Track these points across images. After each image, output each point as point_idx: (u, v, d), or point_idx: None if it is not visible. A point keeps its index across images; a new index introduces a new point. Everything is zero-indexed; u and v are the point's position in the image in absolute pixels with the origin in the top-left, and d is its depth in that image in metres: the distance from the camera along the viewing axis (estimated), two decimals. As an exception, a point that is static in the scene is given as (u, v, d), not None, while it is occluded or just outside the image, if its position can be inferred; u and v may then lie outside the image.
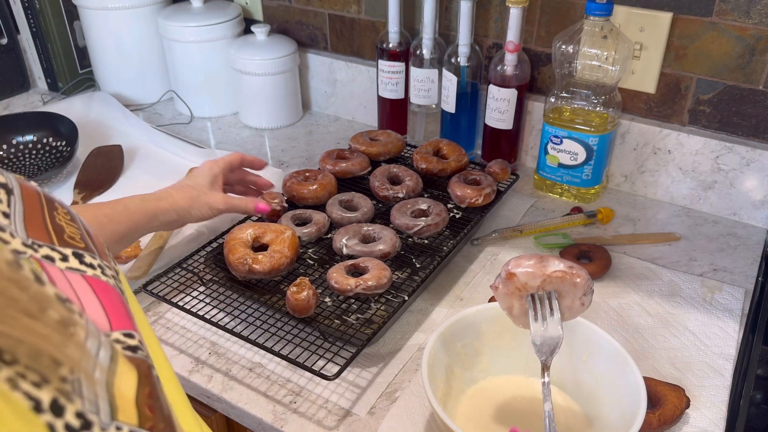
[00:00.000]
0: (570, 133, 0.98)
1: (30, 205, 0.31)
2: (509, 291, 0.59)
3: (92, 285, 0.30)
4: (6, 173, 0.32)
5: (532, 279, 0.58)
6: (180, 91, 1.33)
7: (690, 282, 0.86)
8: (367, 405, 0.69)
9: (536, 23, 1.05)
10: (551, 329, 0.59)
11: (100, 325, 0.29)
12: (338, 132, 1.28)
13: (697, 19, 0.92)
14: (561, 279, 0.58)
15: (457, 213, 0.92)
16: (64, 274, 0.30)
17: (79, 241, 0.32)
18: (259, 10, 1.33)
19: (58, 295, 0.25)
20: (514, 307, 0.61)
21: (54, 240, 0.31)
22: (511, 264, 0.59)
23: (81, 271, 0.31)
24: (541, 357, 0.59)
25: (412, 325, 0.80)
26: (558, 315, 0.59)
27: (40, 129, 1.17)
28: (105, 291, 0.31)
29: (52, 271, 0.29)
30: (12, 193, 0.30)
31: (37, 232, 0.30)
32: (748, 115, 0.95)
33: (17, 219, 0.30)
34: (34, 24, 1.35)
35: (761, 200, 0.96)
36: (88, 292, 0.30)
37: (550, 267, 0.58)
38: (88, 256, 0.32)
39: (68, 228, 0.33)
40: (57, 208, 0.33)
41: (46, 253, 0.30)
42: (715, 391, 0.70)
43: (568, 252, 0.89)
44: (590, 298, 0.59)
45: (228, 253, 0.79)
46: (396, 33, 1.10)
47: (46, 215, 0.32)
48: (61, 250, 0.30)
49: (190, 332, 0.79)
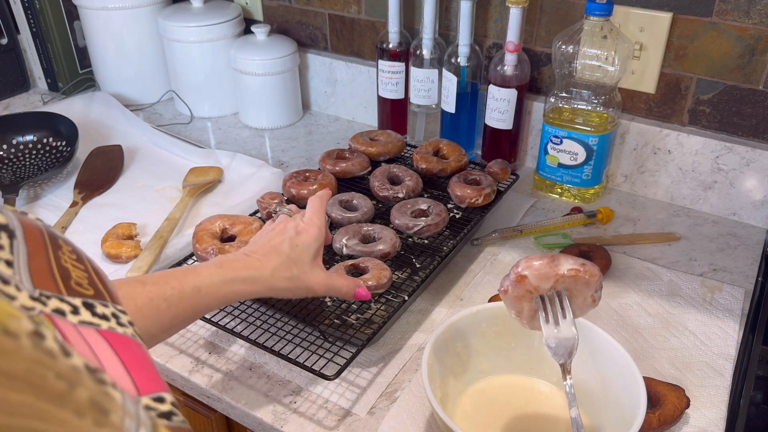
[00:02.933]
0: (570, 133, 0.98)
1: (34, 248, 0.29)
2: (519, 294, 0.57)
3: (109, 341, 0.28)
4: (5, 211, 0.29)
5: (545, 280, 0.55)
6: (180, 91, 1.33)
7: (690, 282, 0.86)
8: (367, 405, 0.69)
9: (536, 23, 1.05)
10: (565, 330, 0.56)
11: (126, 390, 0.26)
12: (338, 132, 1.28)
13: (697, 19, 0.92)
14: (574, 278, 0.55)
15: (457, 213, 0.92)
16: (78, 331, 0.27)
17: (87, 286, 0.30)
18: (259, 10, 1.33)
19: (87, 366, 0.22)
20: (523, 310, 0.58)
21: (61, 288, 0.28)
22: (520, 266, 0.56)
23: (95, 325, 0.28)
24: (559, 360, 0.56)
25: (412, 325, 0.80)
26: (570, 315, 0.57)
27: (40, 129, 1.17)
28: (124, 346, 0.28)
29: (65, 328, 0.26)
30: (14, 236, 0.28)
31: (44, 280, 0.28)
32: (748, 115, 0.95)
33: (22, 267, 0.27)
34: (34, 24, 1.35)
35: (761, 200, 0.96)
36: (106, 351, 0.27)
37: (563, 266, 0.55)
38: (99, 305, 0.29)
39: (74, 271, 0.30)
40: (61, 246, 0.31)
41: (56, 306, 0.27)
42: (715, 391, 0.70)
43: (567, 252, 0.89)
44: (600, 293, 0.57)
45: (195, 243, 0.81)
46: (396, 33, 1.10)
47: (51, 258, 0.29)
48: (70, 300, 0.28)
49: (190, 332, 0.79)
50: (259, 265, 0.62)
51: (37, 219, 0.31)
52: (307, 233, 0.67)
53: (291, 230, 0.67)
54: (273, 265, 0.62)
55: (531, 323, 0.59)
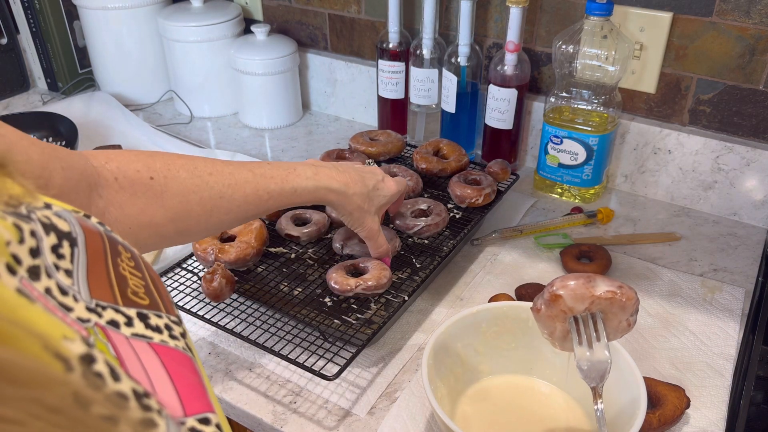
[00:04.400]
0: (570, 133, 0.98)
1: (94, 255, 0.29)
2: (553, 314, 0.55)
3: (160, 356, 0.28)
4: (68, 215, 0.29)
5: (580, 301, 0.54)
6: (180, 91, 1.33)
7: (690, 282, 0.86)
8: (367, 405, 0.69)
9: (536, 23, 1.05)
10: (598, 353, 0.55)
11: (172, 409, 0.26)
12: (338, 132, 1.28)
13: (697, 19, 0.92)
14: (610, 300, 0.54)
15: (457, 213, 0.92)
16: (131, 344, 0.27)
17: (143, 296, 0.30)
18: (259, 10, 1.33)
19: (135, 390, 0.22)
20: (556, 330, 0.57)
21: (118, 298, 0.28)
22: (555, 284, 0.55)
23: (147, 338, 0.28)
24: (590, 383, 0.55)
25: (412, 325, 0.80)
26: (605, 338, 0.55)
27: (40, 129, 1.17)
28: (174, 362, 0.28)
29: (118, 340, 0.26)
30: (76, 243, 0.28)
31: (101, 289, 0.28)
32: (748, 115, 0.95)
33: (80, 276, 0.27)
34: (34, 24, 1.35)
35: (761, 200, 0.96)
36: (157, 367, 0.27)
37: (599, 288, 0.54)
38: (153, 316, 0.29)
39: (132, 279, 0.30)
40: (120, 253, 0.31)
41: (111, 318, 0.27)
42: (715, 391, 0.70)
43: (568, 252, 0.89)
44: (636, 317, 0.56)
45: (195, 243, 0.81)
46: (396, 33, 1.10)
47: (110, 266, 0.29)
48: (125, 311, 0.28)
49: (190, 332, 0.79)
50: (347, 182, 0.70)
51: (98, 223, 0.31)
52: (388, 185, 0.77)
53: (379, 175, 0.76)
54: (356, 190, 0.71)
55: (563, 344, 0.58)
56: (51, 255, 0.26)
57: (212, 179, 0.58)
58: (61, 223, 0.28)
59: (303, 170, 0.67)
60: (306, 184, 0.66)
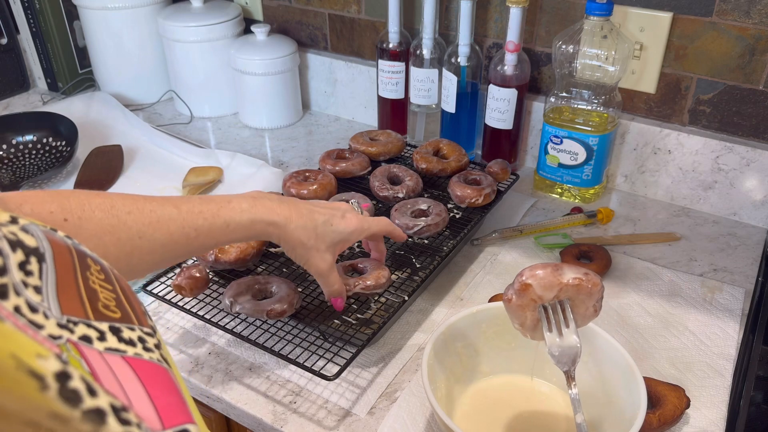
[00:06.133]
0: (570, 133, 0.98)
1: (62, 270, 0.28)
2: (523, 303, 0.57)
3: (135, 369, 0.27)
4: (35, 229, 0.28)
5: (548, 289, 0.56)
6: (180, 91, 1.33)
7: (690, 282, 0.86)
8: (367, 405, 0.69)
9: (536, 23, 1.05)
10: (568, 339, 0.57)
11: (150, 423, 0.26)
12: (338, 132, 1.28)
13: (697, 19, 0.92)
14: (577, 287, 0.56)
15: (457, 213, 0.92)
16: (104, 358, 0.27)
17: (115, 309, 0.30)
18: (259, 10, 1.33)
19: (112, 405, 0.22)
20: (527, 319, 0.59)
21: (89, 313, 0.28)
22: (525, 274, 0.57)
23: (120, 351, 0.28)
24: (563, 368, 0.57)
25: (412, 325, 0.80)
26: (573, 324, 0.57)
27: (40, 129, 1.17)
28: (150, 375, 0.28)
29: (92, 356, 0.26)
30: (44, 259, 0.27)
31: (72, 304, 0.27)
32: (748, 115, 0.95)
33: (50, 292, 0.27)
34: (34, 24, 1.35)
35: (761, 200, 0.96)
36: (132, 381, 0.27)
37: (566, 275, 0.56)
38: (126, 329, 0.29)
39: (102, 293, 0.30)
40: (90, 266, 0.30)
41: (83, 333, 0.27)
42: (715, 391, 0.70)
43: (568, 252, 0.89)
44: (601, 303, 0.58)
45: None
46: (396, 33, 1.10)
47: (79, 280, 0.29)
48: (97, 325, 0.28)
49: (190, 332, 0.79)
50: (288, 216, 0.64)
51: (66, 237, 0.31)
52: (346, 222, 0.68)
53: (339, 212, 0.69)
54: (299, 223, 0.64)
55: (533, 333, 0.60)
56: (18, 272, 0.26)
57: (131, 218, 0.54)
58: (27, 239, 0.27)
59: (238, 203, 0.61)
60: (240, 218, 0.61)
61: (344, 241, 0.69)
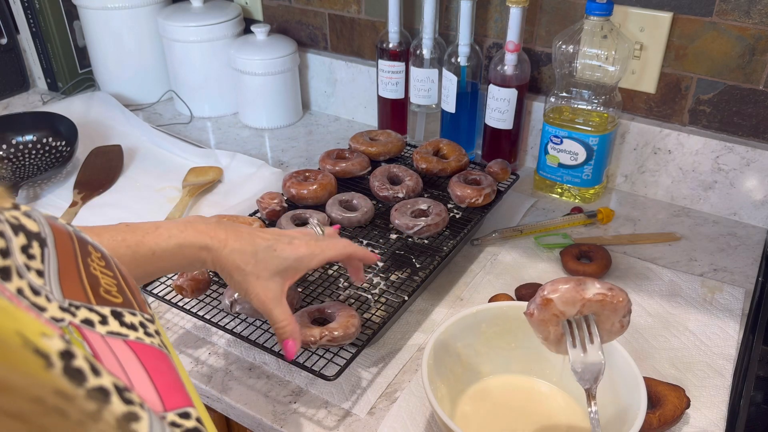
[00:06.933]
0: (570, 133, 0.98)
1: (64, 255, 0.28)
2: (545, 318, 0.56)
3: (137, 353, 0.28)
4: (38, 216, 0.28)
5: (571, 305, 0.55)
6: (180, 91, 1.33)
7: (690, 282, 0.86)
8: (367, 405, 0.69)
9: (536, 23, 1.05)
10: (592, 355, 0.56)
11: (152, 404, 0.26)
12: (338, 132, 1.28)
13: (697, 19, 0.92)
14: (601, 303, 0.55)
15: (457, 213, 0.92)
16: (106, 342, 0.27)
17: (116, 294, 0.30)
18: (259, 10, 1.33)
19: (116, 385, 0.22)
20: (550, 334, 0.57)
21: (90, 298, 0.28)
22: (546, 289, 0.55)
23: (122, 335, 0.28)
24: (585, 385, 0.56)
25: (412, 325, 0.80)
26: (598, 340, 0.56)
27: (39, 129, 1.17)
28: (151, 358, 0.28)
29: (94, 339, 0.26)
30: (45, 244, 0.28)
31: (73, 289, 0.27)
32: (748, 115, 0.95)
33: (52, 276, 0.27)
34: (34, 24, 1.35)
35: (761, 200, 0.96)
36: (134, 364, 0.27)
37: (589, 291, 0.54)
38: (128, 313, 0.29)
39: (103, 279, 0.30)
40: (90, 253, 0.30)
41: (85, 317, 0.27)
42: (716, 391, 0.70)
43: (568, 252, 0.89)
44: (629, 318, 0.56)
45: None
46: (396, 33, 1.10)
47: (80, 265, 0.29)
48: (99, 310, 0.28)
49: (190, 332, 0.79)
50: (224, 239, 0.58)
51: (67, 224, 0.31)
52: (294, 248, 0.61)
53: (286, 237, 0.63)
54: (235, 246, 0.59)
55: (558, 347, 0.58)
56: (21, 255, 0.26)
57: None
58: (29, 224, 0.28)
59: (167, 229, 0.57)
60: (167, 244, 0.55)
61: (292, 269, 0.61)
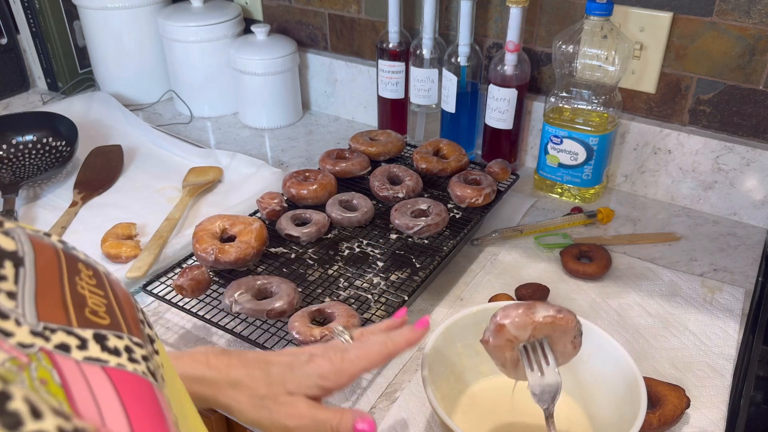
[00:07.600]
0: (570, 133, 0.98)
1: (45, 275, 0.27)
2: (500, 344, 0.57)
3: (114, 381, 0.26)
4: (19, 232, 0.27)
5: (522, 329, 0.56)
6: (180, 91, 1.33)
7: (690, 282, 0.86)
8: (367, 405, 0.69)
9: (536, 23, 1.05)
10: (549, 377, 0.57)
11: None
12: (338, 132, 1.28)
13: (697, 19, 0.92)
14: (551, 325, 0.56)
15: (457, 213, 0.92)
16: (81, 369, 0.25)
17: (103, 315, 0.28)
18: (259, 10, 1.33)
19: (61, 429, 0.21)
20: (507, 360, 0.59)
21: (72, 319, 0.26)
22: (498, 315, 0.57)
23: (102, 361, 0.26)
24: (543, 405, 0.57)
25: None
26: (553, 362, 0.57)
27: (39, 129, 1.17)
28: (130, 388, 0.26)
29: (66, 366, 0.25)
30: (22, 263, 0.26)
31: (52, 310, 0.26)
32: (748, 115, 0.95)
33: (26, 298, 0.25)
34: (34, 24, 1.35)
35: (761, 200, 0.96)
36: (108, 395, 0.25)
37: (539, 314, 0.56)
38: (113, 336, 0.27)
39: (92, 298, 0.28)
40: (81, 271, 0.29)
41: (61, 341, 0.25)
42: (716, 391, 0.70)
43: (568, 252, 0.89)
44: (580, 339, 0.58)
45: (195, 243, 0.81)
46: (396, 33, 1.10)
47: (65, 285, 0.27)
48: (78, 332, 0.26)
49: (190, 332, 0.79)
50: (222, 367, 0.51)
51: (59, 240, 0.29)
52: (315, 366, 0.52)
53: (305, 355, 0.54)
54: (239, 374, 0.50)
55: (515, 373, 0.59)
56: None
57: None
58: (5, 242, 0.26)
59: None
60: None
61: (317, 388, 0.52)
